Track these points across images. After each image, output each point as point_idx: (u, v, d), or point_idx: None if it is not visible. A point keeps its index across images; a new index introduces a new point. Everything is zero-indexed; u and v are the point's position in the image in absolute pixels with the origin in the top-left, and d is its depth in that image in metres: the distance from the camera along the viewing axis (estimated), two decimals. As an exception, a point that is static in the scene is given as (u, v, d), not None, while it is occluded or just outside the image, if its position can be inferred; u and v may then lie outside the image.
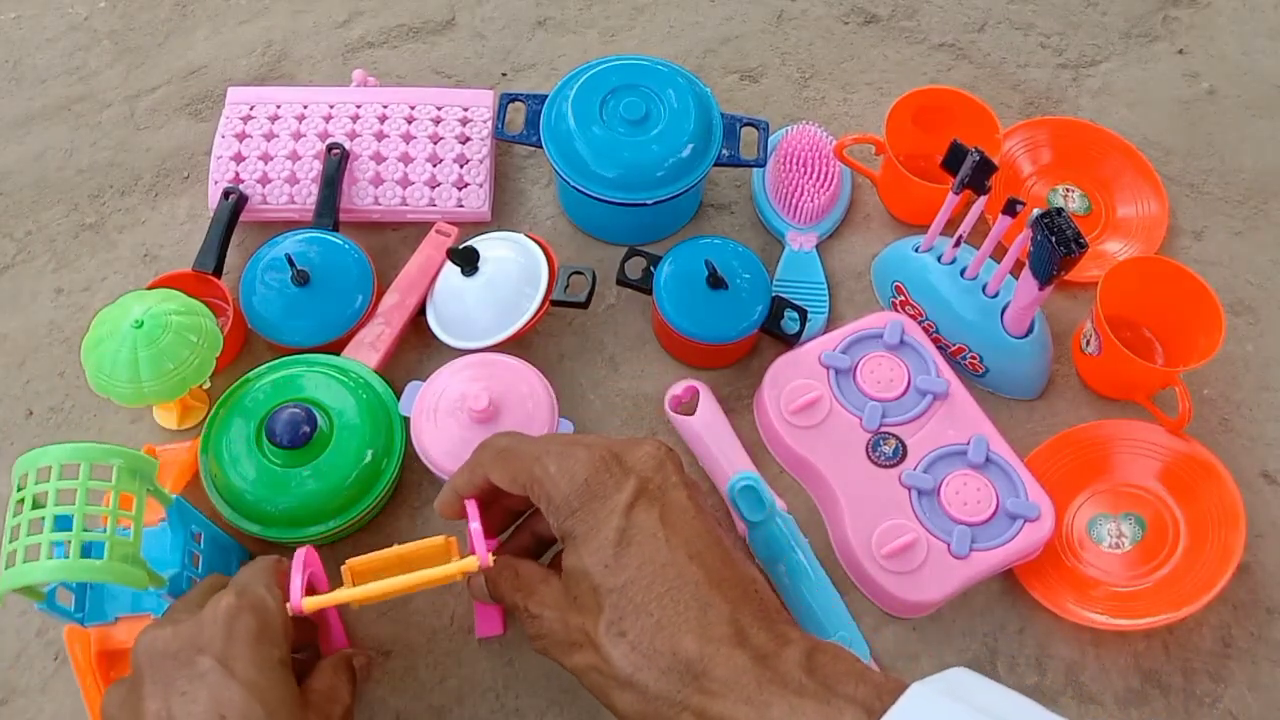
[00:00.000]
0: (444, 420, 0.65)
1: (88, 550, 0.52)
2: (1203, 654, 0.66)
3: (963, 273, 0.72)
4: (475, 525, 0.54)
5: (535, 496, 0.49)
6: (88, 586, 0.60)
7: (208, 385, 0.69)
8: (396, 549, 0.56)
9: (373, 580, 0.54)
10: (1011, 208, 0.66)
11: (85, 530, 0.51)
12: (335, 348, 0.73)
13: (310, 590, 0.54)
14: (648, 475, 0.47)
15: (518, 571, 0.52)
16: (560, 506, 0.47)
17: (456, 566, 0.53)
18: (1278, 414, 0.74)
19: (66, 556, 0.51)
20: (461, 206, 0.79)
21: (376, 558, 0.56)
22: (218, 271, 0.74)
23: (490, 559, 0.53)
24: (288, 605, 0.52)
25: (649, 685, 0.43)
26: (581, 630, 0.46)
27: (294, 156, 0.79)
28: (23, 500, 0.51)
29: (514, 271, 0.72)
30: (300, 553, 0.55)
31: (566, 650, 0.47)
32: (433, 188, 0.80)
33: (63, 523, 0.51)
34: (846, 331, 0.72)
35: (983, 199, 0.68)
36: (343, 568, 0.56)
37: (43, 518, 0.51)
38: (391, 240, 0.80)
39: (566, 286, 0.72)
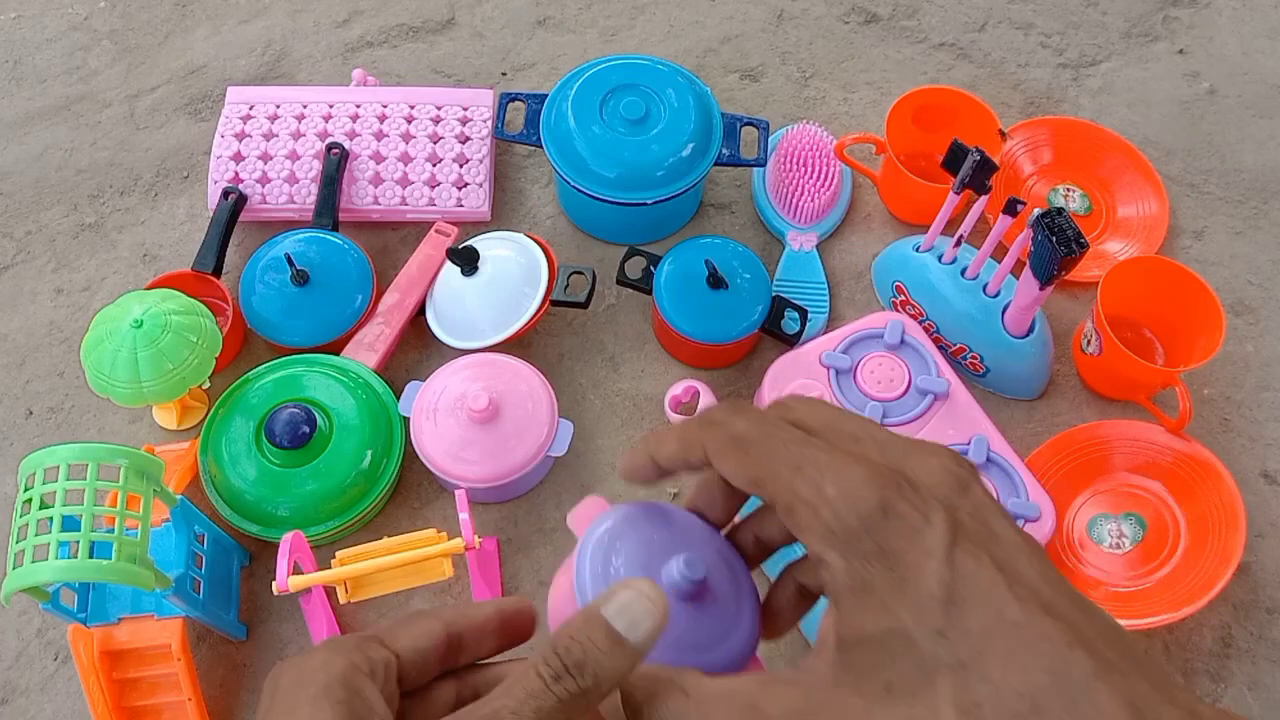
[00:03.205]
0: (443, 420, 0.65)
1: (94, 550, 0.52)
2: (1203, 654, 0.66)
3: (963, 272, 0.72)
4: (465, 515, 0.57)
5: (794, 520, 0.34)
6: (90, 586, 0.60)
7: (207, 385, 0.69)
8: (386, 540, 0.58)
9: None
10: (1012, 207, 0.66)
11: (93, 530, 0.51)
12: (335, 348, 0.72)
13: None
14: (953, 501, 0.34)
15: (688, 690, 0.32)
16: (843, 542, 0.33)
17: (441, 548, 0.55)
18: (1278, 414, 0.74)
19: (73, 556, 0.51)
20: (461, 206, 0.79)
21: (366, 548, 0.57)
22: (217, 271, 0.74)
23: (476, 541, 0.55)
24: (274, 585, 0.53)
25: None
26: None
27: (293, 156, 0.79)
28: (30, 500, 0.51)
29: (514, 271, 0.72)
30: (287, 537, 0.56)
31: None
32: (432, 187, 0.79)
33: (70, 523, 0.52)
34: (847, 331, 0.72)
35: (983, 199, 0.68)
36: (333, 559, 0.57)
37: (50, 518, 0.51)
38: (391, 240, 0.80)
39: (566, 286, 0.72)
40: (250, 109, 0.81)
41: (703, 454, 0.36)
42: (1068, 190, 0.83)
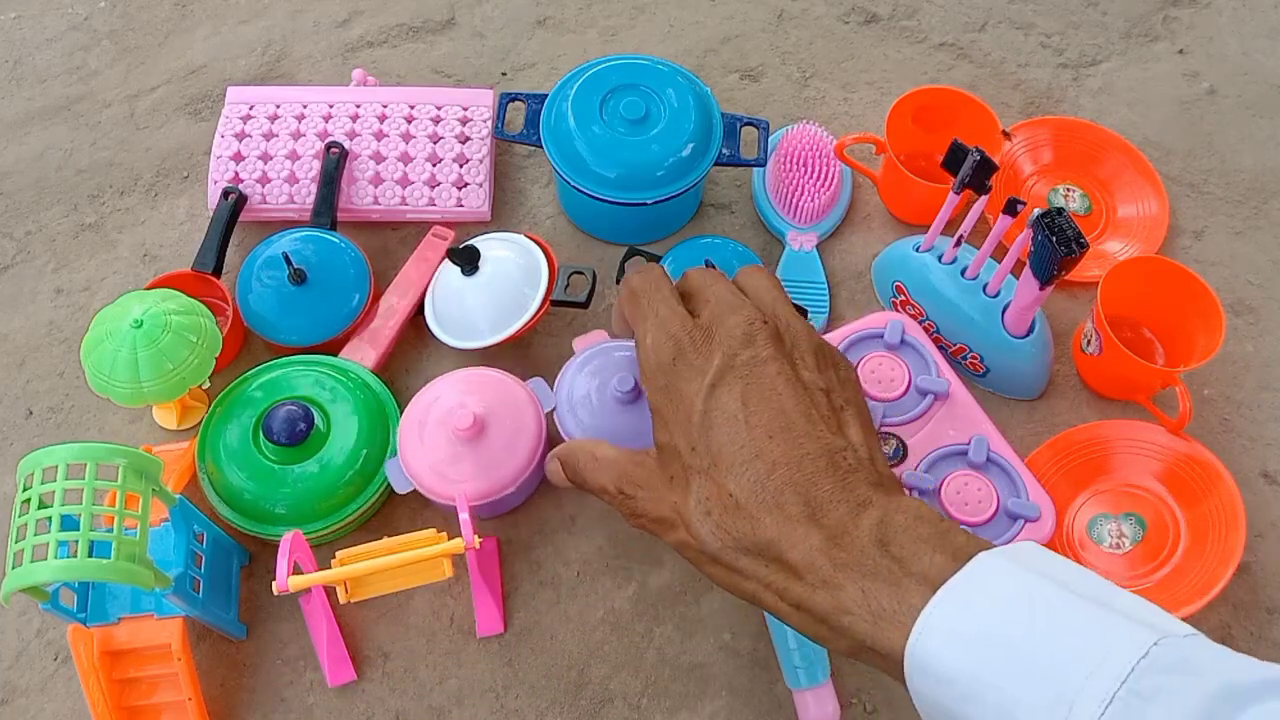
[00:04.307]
0: (431, 438, 0.64)
1: (93, 550, 0.52)
2: (1203, 654, 0.65)
3: (963, 272, 0.72)
4: (464, 515, 0.57)
5: (636, 354, 0.51)
6: (90, 586, 0.60)
7: (207, 385, 0.69)
8: (386, 540, 0.58)
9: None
10: (1012, 207, 0.66)
11: (92, 530, 0.51)
12: (332, 347, 0.73)
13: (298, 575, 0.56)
14: (734, 350, 0.46)
15: (595, 455, 0.51)
16: (649, 380, 0.49)
17: (441, 548, 0.55)
18: (1278, 414, 0.74)
19: (73, 556, 0.51)
20: (461, 206, 0.79)
21: (366, 548, 0.57)
22: (217, 271, 0.74)
23: (476, 541, 0.56)
24: (274, 585, 0.53)
25: (735, 563, 0.44)
26: (675, 508, 0.47)
27: (293, 156, 0.79)
28: (29, 500, 0.51)
29: (514, 271, 0.72)
30: (288, 536, 0.56)
31: (663, 528, 0.48)
32: (432, 187, 0.79)
33: (69, 522, 0.52)
34: (847, 331, 0.72)
35: (983, 199, 0.68)
36: (333, 558, 0.57)
37: (49, 517, 0.51)
38: (390, 240, 0.80)
39: (566, 286, 0.72)
40: (250, 109, 0.81)
41: (620, 305, 0.53)
42: (1068, 190, 0.83)
